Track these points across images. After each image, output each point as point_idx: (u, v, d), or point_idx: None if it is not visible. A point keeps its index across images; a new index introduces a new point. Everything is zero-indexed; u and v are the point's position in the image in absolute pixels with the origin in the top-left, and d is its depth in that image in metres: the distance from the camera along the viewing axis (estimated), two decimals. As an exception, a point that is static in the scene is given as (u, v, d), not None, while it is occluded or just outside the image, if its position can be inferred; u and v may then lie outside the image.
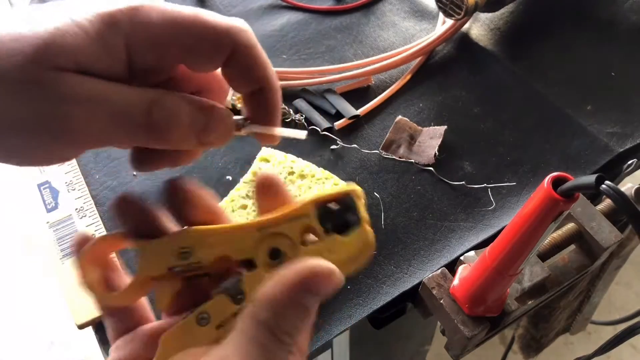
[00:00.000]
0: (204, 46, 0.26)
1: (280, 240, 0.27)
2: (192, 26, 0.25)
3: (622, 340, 0.37)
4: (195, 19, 0.26)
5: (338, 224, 0.27)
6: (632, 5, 0.67)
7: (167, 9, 0.25)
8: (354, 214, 0.27)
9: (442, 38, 0.62)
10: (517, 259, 0.35)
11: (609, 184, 0.28)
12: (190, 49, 0.26)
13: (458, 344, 0.41)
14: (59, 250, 0.47)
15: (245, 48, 0.27)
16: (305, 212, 0.27)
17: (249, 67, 0.28)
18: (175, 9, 0.25)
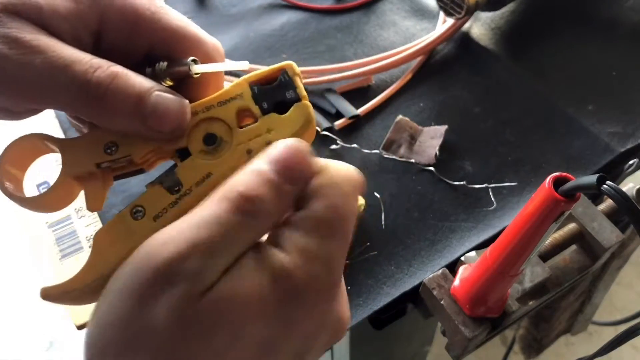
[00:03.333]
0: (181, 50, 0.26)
1: (214, 125, 0.25)
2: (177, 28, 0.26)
3: (623, 341, 0.36)
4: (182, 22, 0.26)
5: (275, 103, 0.25)
6: (633, 5, 0.67)
7: (154, 3, 0.26)
8: (291, 90, 0.25)
9: (442, 37, 0.62)
10: (518, 259, 0.34)
11: (610, 184, 0.27)
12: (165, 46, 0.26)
13: (459, 345, 0.41)
14: (59, 250, 0.47)
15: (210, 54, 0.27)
16: (238, 93, 0.25)
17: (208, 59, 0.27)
18: (164, 5, 0.26)
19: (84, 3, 0.24)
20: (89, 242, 0.47)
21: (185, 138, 0.25)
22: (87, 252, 0.46)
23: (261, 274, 0.21)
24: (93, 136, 0.25)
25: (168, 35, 0.26)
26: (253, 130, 0.25)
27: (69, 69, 0.23)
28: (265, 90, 0.26)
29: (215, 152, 0.25)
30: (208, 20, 0.68)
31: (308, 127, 0.25)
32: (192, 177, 0.25)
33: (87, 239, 0.47)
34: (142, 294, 0.20)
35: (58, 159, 0.26)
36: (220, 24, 0.67)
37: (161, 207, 0.24)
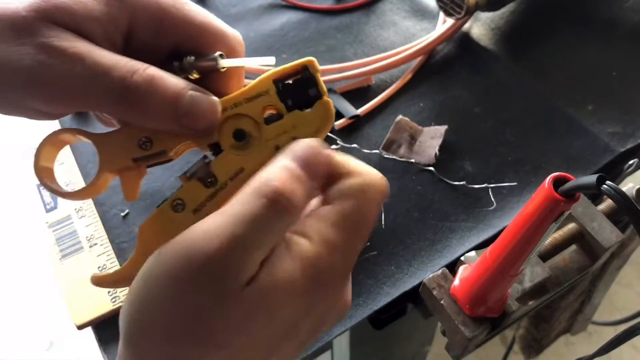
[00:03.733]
0: (205, 44, 0.27)
1: (243, 121, 0.27)
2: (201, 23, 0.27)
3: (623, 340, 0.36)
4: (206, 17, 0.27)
5: (299, 99, 0.27)
6: (633, 5, 0.67)
7: (178, 0, 0.27)
8: (313, 87, 0.27)
9: (442, 37, 0.62)
10: (518, 259, 0.34)
11: (610, 184, 0.27)
12: (191, 41, 0.27)
13: (459, 345, 0.41)
14: (59, 250, 0.47)
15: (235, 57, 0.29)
16: (264, 89, 0.27)
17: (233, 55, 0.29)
18: (187, 2, 0.27)
19: (115, 5, 0.25)
20: (89, 242, 0.47)
21: (216, 133, 0.26)
22: (87, 252, 0.46)
23: (293, 263, 0.23)
24: (127, 132, 0.26)
25: (193, 30, 0.27)
26: (279, 126, 0.27)
27: (108, 75, 0.24)
28: (289, 87, 0.27)
29: (245, 147, 0.26)
30: (208, 20, 0.68)
31: (329, 121, 0.27)
32: (226, 172, 0.26)
33: (87, 239, 0.47)
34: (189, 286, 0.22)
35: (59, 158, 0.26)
36: (221, 24, 0.67)
37: (199, 201, 0.26)
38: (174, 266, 0.22)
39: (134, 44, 0.27)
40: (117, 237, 0.48)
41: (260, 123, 0.27)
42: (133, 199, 0.27)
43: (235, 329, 0.22)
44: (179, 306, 0.22)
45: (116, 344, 0.43)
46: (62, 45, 0.24)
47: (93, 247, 0.47)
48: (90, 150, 0.54)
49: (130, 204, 0.50)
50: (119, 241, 0.48)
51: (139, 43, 0.27)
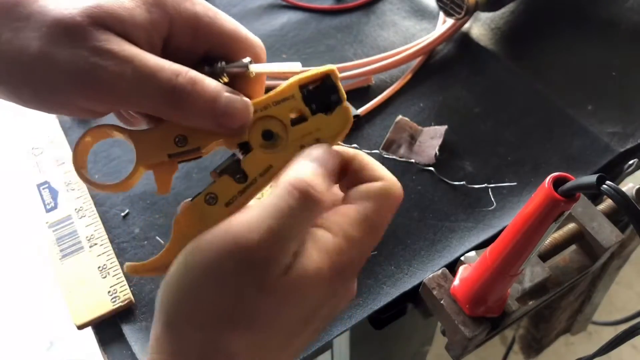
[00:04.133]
0: (234, 50, 0.30)
1: (271, 122, 0.29)
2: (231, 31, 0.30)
3: (623, 340, 0.36)
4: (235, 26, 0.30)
5: (322, 104, 0.29)
6: (632, 5, 0.67)
7: (211, 7, 0.30)
8: (335, 93, 0.30)
9: (442, 37, 0.62)
10: (518, 259, 0.35)
11: (610, 184, 0.27)
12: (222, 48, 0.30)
13: (458, 345, 0.41)
14: (59, 250, 0.47)
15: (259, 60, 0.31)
16: (290, 94, 0.29)
17: None
18: (217, 11, 0.30)
19: (156, 13, 0.27)
20: (89, 242, 0.47)
21: (246, 133, 0.29)
22: (87, 252, 0.47)
23: (319, 255, 0.26)
24: (163, 129, 0.28)
25: (225, 38, 0.30)
26: (304, 128, 0.29)
27: (155, 76, 0.26)
28: (313, 92, 0.29)
29: (272, 147, 0.29)
30: (208, 20, 0.68)
31: (349, 125, 0.30)
32: (256, 168, 0.29)
33: (87, 239, 0.47)
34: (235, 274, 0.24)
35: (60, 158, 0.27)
36: (221, 24, 0.67)
37: (231, 195, 0.28)
38: (218, 255, 0.24)
39: (171, 48, 0.29)
40: (117, 237, 0.48)
41: (287, 124, 0.29)
42: (166, 192, 0.29)
43: (270, 315, 0.25)
44: (222, 292, 0.24)
45: (116, 343, 0.43)
46: (114, 49, 0.26)
47: (93, 247, 0.47)
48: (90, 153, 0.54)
49: (131, 204, 0.50)
50: (119, 241, 0.48)
51: (175, 47, 0.29)
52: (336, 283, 0.27)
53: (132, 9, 0.27)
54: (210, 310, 0.24)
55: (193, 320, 0.25)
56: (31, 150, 0.54)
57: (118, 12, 0.26)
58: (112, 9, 0.26)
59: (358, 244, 0.27)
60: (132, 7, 0.27)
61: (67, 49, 0.25)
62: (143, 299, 0.44)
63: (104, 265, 0.46)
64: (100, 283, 0.45)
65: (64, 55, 0.25)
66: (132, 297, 0.44)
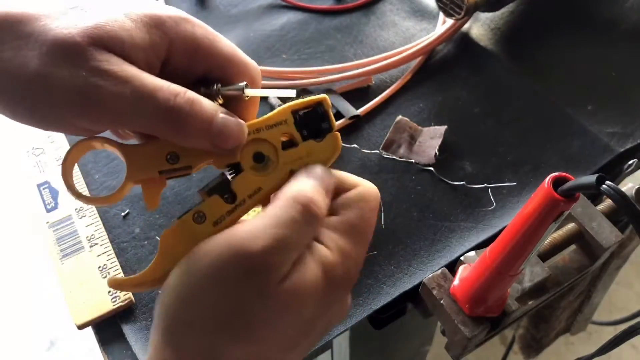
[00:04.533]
0: (231, 73, 0.30)
1: (263, 145, 0.30)
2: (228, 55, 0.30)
3: (622, 340, 0.37)
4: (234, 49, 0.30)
5: (313, 130, 0.30)
6: (632, 5, 0.67)
7: (210, 29, 0.30)
8: (326, 121, 0.30)
9: (442, 38, 0.62)
10: (517, 259, 0.35)
11: (610, 184, 0.27)
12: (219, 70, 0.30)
13: (458, 345, 0.41)
14: (59, 250, 0.47)
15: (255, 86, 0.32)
16: (283, 119, 0.30)
17: None
18: (218, 34, 0.30)
19: (156, 34, 0.28)
20: (89, 242, 0.47)
21: (238, 154, 0.29)
22: (87, 252, 0.47)
23: (317, 267, 0.27)
24: (156, 146, 0.29)
25: (222, 61, 0.30)
26: (295, 153, 0.30)
27: (154, 97, 0.26)
28: (305, 119, 0.30)
29: (263, 169, 0.30)
30: (208, 20, 0.67)
31: (337, 152, 0.31)
32: (246, 190, 0.29)
33: (87, 239, 0.47)
34: (237, 280, 0.25)
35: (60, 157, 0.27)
36: (221, 25, 0.67)
37: (219, 214, 0.28)
38: (221, 261, 0.25)
39: (169, 69, 0.29)
40: (118, 237, 0.48)
41: (278, 148, 0.30)
42: (154, 208, 0.30)
43: (269, 324, 0.25)
44: (224, 298, 0.25)
45: (116, 343, 0.43)
46: (113, 69, 0.26)
47: (93, 247, 0.47)
48: (90, 153, 0.54)
49: (131, 205, 0.50)
50: (119, 241, 0.48)
51: (173, 68, 0.29)
52: (332, 295, 0.27)
53: (132, 30, 0.27)
54: (211, 316, 0.25)
55: (193, 326, 0.25)
56: (31, 150, 0.54)
57: (118, 33, 0.26)
58: (112, 29, 0.26)
59: (351, 255, 0.28)
60: (131, 28, 0.27)
61: (66, 69, 0.25)
62: (143, 299, 0.44)
63: (104, 265, 0.46)
64: (100, 283, 0.45)
65: (63, 75, 0.25)
66: (132, 297, 0.44)
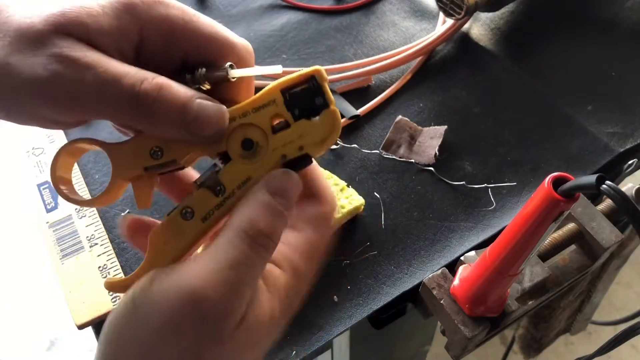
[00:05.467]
0: (214, 54, 0.28)
1: (251, 130, 0.27)
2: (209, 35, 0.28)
3: (622, 340, 0.37)
4: (213, 29, 0.28)
5: (306, 109, 0.27)
6: (632, 5, 0.67)
7: (188, 10, 0.28)
8: (320, 96, 0.27)
9: (442, 38, 0.62)
10: (517, 259, 0.35)
11: (610, 184, 0.27)
12: (200, 52, 0.28)
13: (458, 344, 0.41)
14: (59, 250, 0.47)
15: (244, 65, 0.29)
16: (271, 99, 0.27)
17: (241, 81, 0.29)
18: (197, 13, 0.28)
19: (125, 19, 0.26)
20: (89, 242, 0.47)
21: (224, 142, 0.27)
22: (87, 252, 0.47)
23: (271, 297, 0.26)
24: (139, 141, 0.27)
25: (202, 42, 0.28)
26: (286, 135, 0.27)
27: (118, 82, 0.25)
28: (296, 96, 0.27)
29: (252, 157, 0.27)
30: (208, 20, 0.68)
31: (336, 131, 0.27)
32: (234, 180, 0.27)
33: (87, 238, 0.47)
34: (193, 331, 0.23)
35: None
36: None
37: (208, 209, 0.27)
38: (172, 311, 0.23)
39: (145, 55, 0.28)
40: (118, 237, 0.48)
41: (268, 132, 0.27)
42: (146, 207, 0.28)
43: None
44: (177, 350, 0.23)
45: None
46: (74, 55, 0.25)
47: (93, 247, 0.47)
48: (90, 152, 0.54)
49: (131, 204, 0.50)
50: (119, 241, 0.48)
51: (149, 54, 0.28)
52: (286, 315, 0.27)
53: (99, 16, 0.26)
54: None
55: None
56: (31, 150, 0.54)
57: (82, 19, 0.25)
58: (76, 16, 0.25)
59: (304, 273, 0.27)
60: (99, 13, 0.26)
61: (27, 58, 0.24)
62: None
63: (104, 265, 0.46)
64: (100, 283, 0.45)
65: (24, 64, 0.24)
66: (133, 297, 0.44)
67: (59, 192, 0.28)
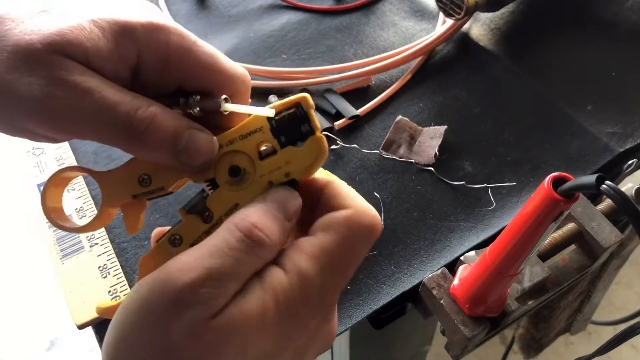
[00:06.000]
0: (210, 84, 0.28)
1: (238, 157, 0.27)
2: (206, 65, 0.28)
3: (622, 340, 0.37)
4: (212, 59, 0.28)
5: (292, 136, 0.27)
6: (632, 6, 0.67)
7: (188, 37, 0.28)
8: (306, 123, 0.27)
9: (442, 38, 0.62)
10: (517, 259, 0.35)
11: (610, 184, 0.27)
12: (196, 81, 0.28)
13: (458, 344, 0.41)
14: (59, 250, 0.47)
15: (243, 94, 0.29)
16: (258, 126, 0.27)
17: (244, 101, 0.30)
18: (197, 41, 0.28)
19: (123, 44, 0.26)
20: (89, 242, 0.47)
21: (212, 170, 0.27)
22: (87, 252, 0.47)
23: (264, 294, 0.24)
24: (127, 169, 0.27)
25: (198, 72, 0.28)
26: (273, 162, 0.27)
27: (114, 110, 0.25)
28: (282, 123, 0.27)
29: (239, 183, 0.27)
30: (208, 20, 0.68)
31: (322, 158, 0.27)
32: (221, 207, 0.27)
33: (87, 238, 0.48)
34: (162, 316, 0.22)
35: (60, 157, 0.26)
36: (221, 25, 0.67)
37: (196, 235, 0.27)
38: (149, 298, 0.23)
39: (141, 79, 0.28)
40: (118, 237, 0.48)
41: (255, 159, 0.27)
42: (135, 232, 0.28)
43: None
44: (150, 337, 0.23)
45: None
46: (72, 79, 0.25)
47: (93, 247, 0.47)
48: (90, 150, 0.54)
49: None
50: (120, 241, 0.48)
51: (146, 77, 0.28)
52: (290, 325, 0.24)
53: (97, 39, 0.25)
54: (138, 357, 0.23)
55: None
56: (31, 150, 0.54)
57: (81, 41, 0.25)
58: (75, 37, 0.25)
59: (316, 280, 0.25)
60: (98, 37, 0.25)
61: (24, 77, 0.24)
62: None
63: (105, 265, 0.46)
64: (100, 283, 0.45)
65: (21, 82, 0.24)
66: (133, 297, 0.44)
67: (50, 222, 0.28)
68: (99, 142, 0.27)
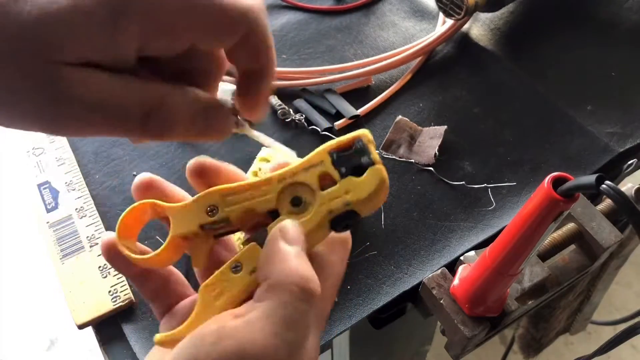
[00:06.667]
0: (220, 29, 0.25)
1: (300, 188, 0.28)
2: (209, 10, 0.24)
3: (622, 340, 0.37)
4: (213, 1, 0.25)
5: (353, 168, 0.28)
6: (632, 6, 0.67)
7: None
8: (366, 156, 0.28)
9: (442, 38, 0.62)
10: (517, 259, 0.35)
11: (609, 184, 0.28)
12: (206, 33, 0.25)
13: (458, 344, 0.41)
14: (59, 250, 0.47)
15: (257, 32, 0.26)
16: (319, 160, 0.28)
17: (256, 49, 0.27)
18: None
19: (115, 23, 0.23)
20: (89, 242, 0.47)
21: (275, 201, 0.28)
22: (87, 252, 0.47)
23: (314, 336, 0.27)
24: (197, 201, 0.29)
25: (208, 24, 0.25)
26: (333, 192, 0.28)
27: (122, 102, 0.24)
28: (343, 156, 0.28)
29: (301, 213, 0.28)
30: (208, 20, 0.68)
31: (382, 188, 0.28)
32: None
33: (87, 239, 0.48)
34: None
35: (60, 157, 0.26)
36: (221, 25, 0.67)
37: (256, 263, 0.27)
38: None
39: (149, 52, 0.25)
40: (118, 237, 0.48)
41: (316, 189, 0.28)
42: (201, 267, 0.29)
43: None
44: None
45: (116, 343, 0.43)
46: (74, 77, 0.23)
47: (94, 247, 0.47)
48: (90, 150, 0.54)
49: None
50: (120, 241, 0.48)
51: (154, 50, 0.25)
52: None
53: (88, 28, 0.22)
54: None
55: None
56: (31, 150, 0.54)
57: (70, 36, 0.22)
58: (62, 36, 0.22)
59: None
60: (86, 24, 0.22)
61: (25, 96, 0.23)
62: (144, 299, 0.44)
63: (105, 265, 0.46)
64: (100, 283, 0.45)
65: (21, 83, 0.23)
66: (133, 297, 0.44)
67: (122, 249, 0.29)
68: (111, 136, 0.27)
